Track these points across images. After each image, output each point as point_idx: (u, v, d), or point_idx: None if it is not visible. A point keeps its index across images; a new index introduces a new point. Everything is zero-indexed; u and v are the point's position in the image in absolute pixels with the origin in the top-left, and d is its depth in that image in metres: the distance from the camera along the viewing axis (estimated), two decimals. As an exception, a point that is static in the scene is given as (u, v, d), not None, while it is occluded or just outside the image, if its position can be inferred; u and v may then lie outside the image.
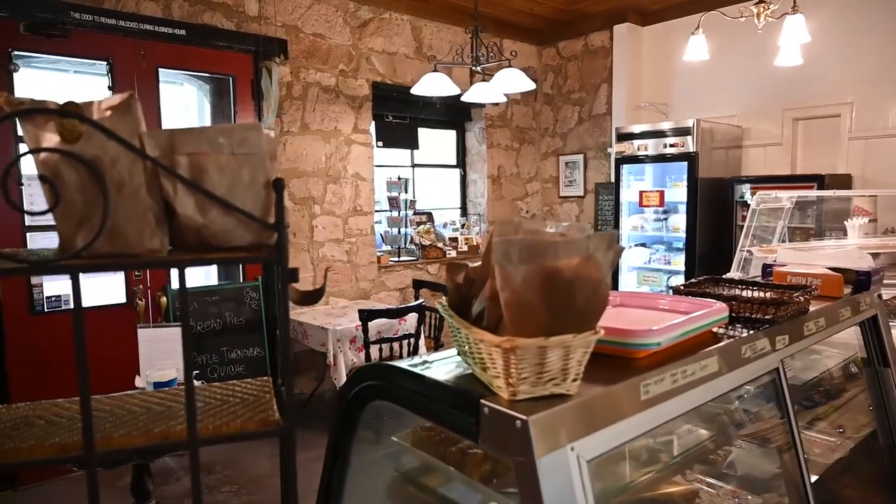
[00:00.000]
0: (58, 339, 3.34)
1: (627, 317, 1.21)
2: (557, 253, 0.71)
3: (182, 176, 0.78)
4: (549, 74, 5.96)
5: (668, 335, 0.99)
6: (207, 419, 0.89)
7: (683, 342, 1.07)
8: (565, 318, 0.75)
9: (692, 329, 1.07)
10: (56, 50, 3.33)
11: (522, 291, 0.72)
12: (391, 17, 4.90)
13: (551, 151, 6.00)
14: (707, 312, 1.12)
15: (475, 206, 5.88)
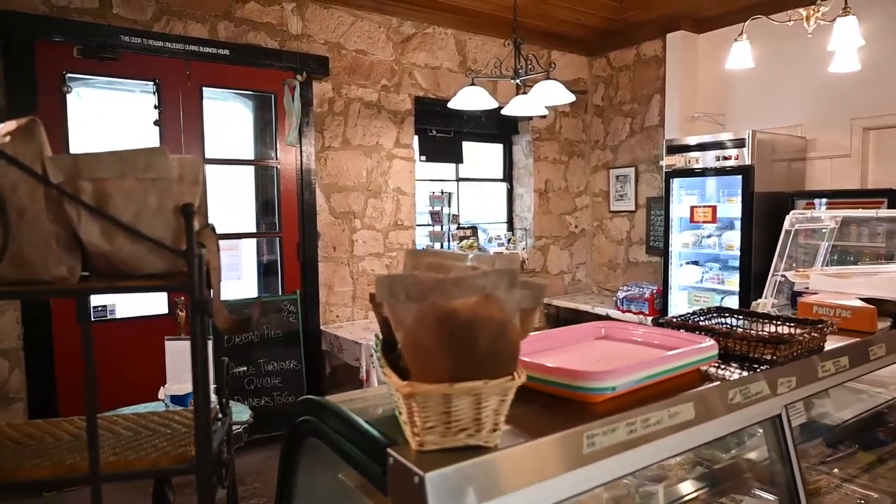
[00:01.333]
0: (103, 347, 3.47)
1: (601, 353, 1.10)
2: (448, 291, 0.63)
3: (84, 202, 0.76)
4: (599, 85, 5.79)
5: (625, 378, 0.88)
6: (126, 451, 0.86)
7: (656, 384, 0.95)
8: (471, 363, 0.67)
9: (663, 370, 0.95)
10: (107, 71, 3.50)
11: (417, 333, 0.64)
12: (435, 31, 4.90)
13: (601, 164, 5.82)
14: (685, 352, 1.00)
15: (521, 220, 5.76)
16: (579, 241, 5.95)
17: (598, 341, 1.18)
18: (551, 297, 5.67)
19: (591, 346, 1.14)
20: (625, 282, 5.48)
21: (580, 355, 1.06)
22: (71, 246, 0.77)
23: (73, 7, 3.46)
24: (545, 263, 5.71)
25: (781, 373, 1.09)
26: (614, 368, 0.87)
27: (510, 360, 0.70)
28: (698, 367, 1.05)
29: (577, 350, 1.11)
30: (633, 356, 1.03)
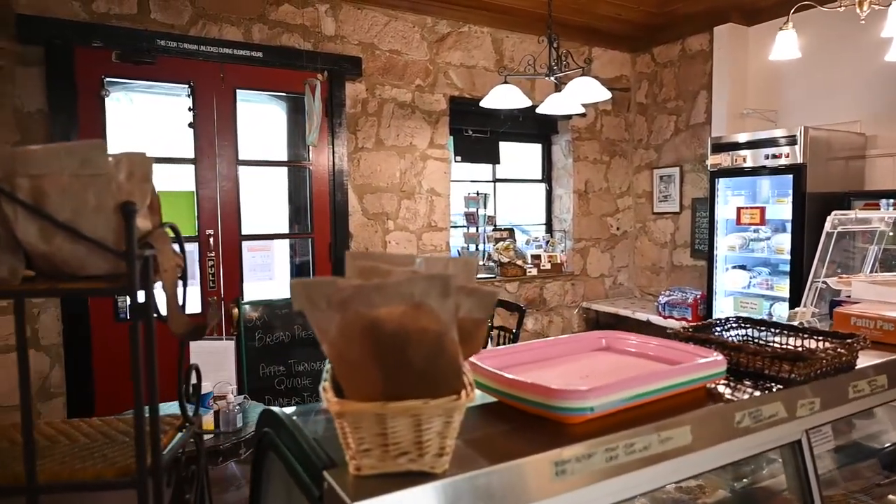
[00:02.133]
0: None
1: (595, 367, 1.00)
2: (370, 299, 0.56)
3: (19, 199, 0.72)
4: (643, 82, 5.59)
5: (606, 397, 0.79)
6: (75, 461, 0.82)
7: (648, 405, 0.85)
8: (407, 380, 0.59)
9: (655, 389, 0.85)
10: (143, 75, 3.58)
11: (342, 345, 0.57)
12: (470, 30, 4.82)
13: (645, 164, 5.61)
14: (683, 368, 0.89)
15: (560, 222, 5.62)
16: (621, 243, 5.76)
17: (596, 353, 1.08)
18: (590, 301, 5.50)
19: (588, 359, 1.04)
20: (669, 286, 5.26)
21: (571, 369, 0.97)
22: (12, 246, 0.75)
23: (112, 13, 3.55)
24: (585, 266, 5.54)
25: (801, 393, 0.97)
26: (594, 387, 0.78)
27: (452, 376, 0.62)
28: (703, 385, 0.94)
29: (570, 363, 1.01)
30: (626, 371, 0.93)
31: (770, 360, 0.95)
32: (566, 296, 5.43)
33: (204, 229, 3.75)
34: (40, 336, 3.46)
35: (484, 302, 0.64)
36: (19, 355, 0.80)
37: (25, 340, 0.79)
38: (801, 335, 1.14)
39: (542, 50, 3.95)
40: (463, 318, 0.63)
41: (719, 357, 0.96)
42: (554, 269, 5.33)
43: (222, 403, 2.52)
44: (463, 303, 0.63)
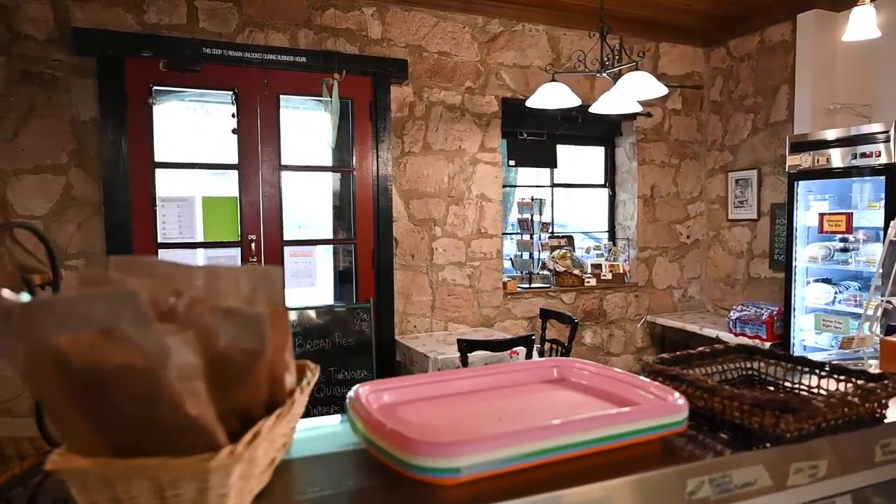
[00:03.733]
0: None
1: (520, 407, 0.80)
2: (43, 323, 0.41)
3: None
4: (717, 79, 5.15)
5: (479, 455, 0.59)
6: None
7: (561, 462, 0.65)
8: (134, 432, 0.44)
9: (566, 444, 0.64)
10: (189, 82, 3.65)
11: (35, 383, 0.43)
12: (524, 28, 4.62)
13: (719, 167, 5.17)
14: (615, 416, 0.68)
15: (624, 229, 5.27)
16: (692, 252, 5.33)
17: (540, 387, 0.88)
18: (656, 315, 5.12)
19: (525, 395, 0.84)
20: (745, 300, 4.80)
21: (493, 408, 0.78)
22: None
23: (163, 24, 3.65)
24: (650, 277, 5.17)
25: (796, 454, 0.73)
26: (462, 439, 0.59)
27: (190, 430, 0.46)
28: (650, 439, 0.72)
29: (500, 399, 0.82)
30: (555, 413, 0.72)
31: (750, 409, 0.72)
32: (629, 308, 5.08)
33: (246, 234, 3.77)
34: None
35: (252, 326, 0.48)
36: None
37: None
38: (818, 373, 0.88)
39: (595, 44, 3.69)
40: (228, 349, 0.48)
41: (680, 401, 0.73)
42: (615, 279, 5.00)
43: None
44: (223, 328, 0.47)
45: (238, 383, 0.48)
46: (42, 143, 3.44)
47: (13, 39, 3.36)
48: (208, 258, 3.73)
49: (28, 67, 3.40)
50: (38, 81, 3.42)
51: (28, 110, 3.41)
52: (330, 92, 3.58)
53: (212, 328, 0.47)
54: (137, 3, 3.58)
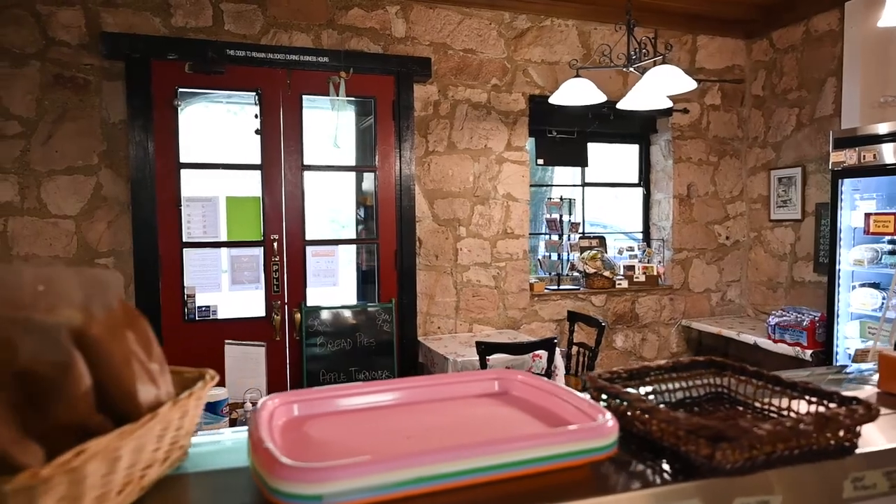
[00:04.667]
0: (204, 343, 3.65)
1: (443, 423, 0.74)
2: None
3: None
4: (759, 72, 4.91)
5: (344, 482, 0.53)
6: None
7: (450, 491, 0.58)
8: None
9: (458, 472, 0.58)
10: (213, 84, 3.70)
11: None
12: (553, 23, 4.51)
13: (761, 165, 4.92)
14: (516, 440, 0.61)
15: (659, 230, 5.09)
16: (731, 254, 5.10)
17: (477, 402, 0.81)
18: (691, 318, 4.92)
19: (453, 411, 0.77)
20: (788, 305, 4.56)
21: (408, 425, 0.71)
22: None
23: (189, 27, 3.71)
24: (686, 279, 4.97)
25: (739, 487, 0.64)
26: (329, 464, 0.53)
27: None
28: (586, 463, 0.64)
29: (424, 414, 0.76)
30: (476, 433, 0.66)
31: (686, 435, 0.64)
32: (663, 311, 4.90)
33: (269, 234, 3.80)
34: (120, 333, 3.67)
35: (51, 338, 0.44)
36: None
37: None
38: (791, 394, 0.78)
39: (621, 37, 3.56)
40: (34, 363, 0.43)
41: (610, 423, 0.65)
42: (649, 281, 4.83)
43: (240, 412, 2.47)
44: (22, 341, 0.43)
45: (52, 399, 0.44)
46: (74, 145, 3.55)
47: (47, 45, 3.48)
48: (232, 257, 3.78)
49: (61, 72, 3.52)
50: (70, 85, 3.53)
51: (61, 113, 3.53)
52: (337, 90, 3.56)
53: (12, 341, 0.43)
54: (165, 7, 3.66)
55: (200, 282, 3.70)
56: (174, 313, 3.66)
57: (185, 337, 3.66)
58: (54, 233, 3.55)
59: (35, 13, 3.46)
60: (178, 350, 3.63)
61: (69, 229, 3.57)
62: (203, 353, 3.57)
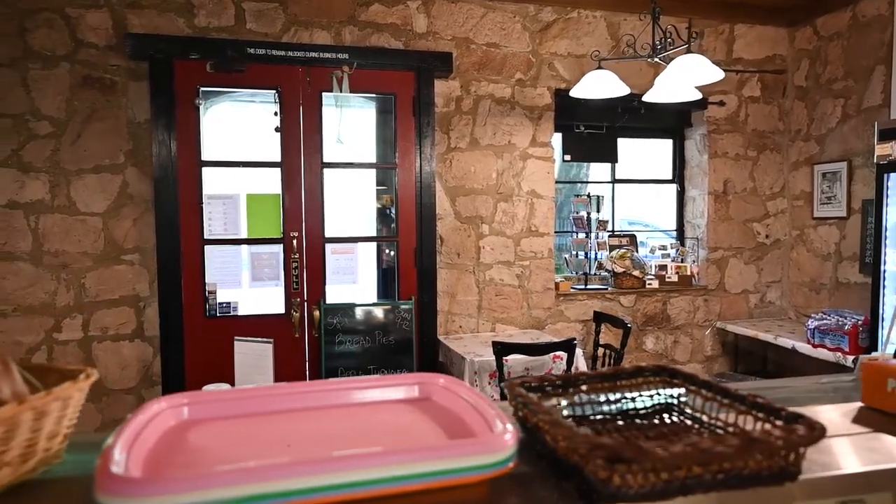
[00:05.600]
0: (225, 339, 3.69)
1: (341, 430, 0.68)
2: None
3: None
4: (802, 62, 4.65)
5: (167, 498, 0.48)
6: None
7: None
8: None
9: (310, 489, 0.51)
10: (234, 83, 3.74)
11: None
12: (580, 15, 4.37)
13: (803, 160, 4.66)
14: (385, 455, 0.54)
15: (694, 228, 4.89)
16: (771, 254, 4.85)
17: (389, 407, 0.75)
18: (727, 320, 4.70)
19: (355, 417, 0.71)
20: (832, 307, 4.30)
21: (296, 432, 0.66)
22: None
23: (212, 27, 3.76)
24: (722, 280, 4.75)
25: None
26: (156, 476, 0.48)
27: None
28: (483, 479, 0.57)
29: (322, 420, 0.70)
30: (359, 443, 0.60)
31: (587, 454, 0.56)
32: (696, 313, 4.70)
33: (289, 231, 3.81)
34: (145, 328, 3.76)
35: None
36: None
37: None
38: (739, 408, 0.69)
39: (646, 26, 3.41)
40: None
41: (507, 437, 0.58)
42: (681, 281, 4.64)
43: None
44: None
45: None
46: (102, 144, 3.64)
47: (76, 47, 3.58)
48: (252, 254, 3.81)
49: (90, 73, 3.61)
50: (98, 86, 3.63)
51: (90, 113, 3.62)
52: (340, 85, 3.54)
53: None
54: (188, 7, 3.71)
55: (221, 278, 3.74)
56: (196, 309, 3.72)
57: (207, 333, 3.71)
58: (83, 230, 3.65)
59: (65, 16, 3.56)
60: (199, 346, 3.68)
61: (97, 226, 3.66)
62: (224, 349, 3.60)
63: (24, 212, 3.55)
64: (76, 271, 3.64)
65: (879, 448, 0.69)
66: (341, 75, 3.51)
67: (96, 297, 3.67)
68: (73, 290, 3.64)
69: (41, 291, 3.59)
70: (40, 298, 3.59)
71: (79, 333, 3.66)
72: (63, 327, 3.64)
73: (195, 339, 3.70)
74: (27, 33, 3.51)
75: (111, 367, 3.72)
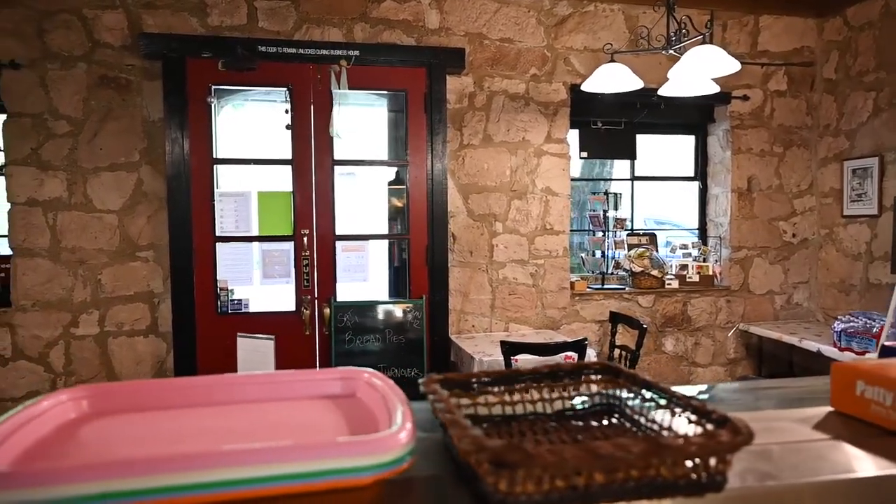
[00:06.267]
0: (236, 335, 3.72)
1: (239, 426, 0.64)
2: None
3: None
4: (832, 53, 4.47)
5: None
6: None
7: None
8: None
9: (166, 487, 0.48)
10: (245, 81, 3.75)
11: None
12: (597, 8, 4.28)
13: (832, 156, 4.48)
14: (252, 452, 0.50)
15: (717, 227, 4.74)
16: (798, 253, 4.67)
17: (303, 404, 0.71)
18: (751, 322, 4.54)
19: (261, 413, 0.68)
20: (863, 308, 4.11)
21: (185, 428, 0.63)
22: None
23: (224, 25, 3.79)
24: (746, 280, 4.60)
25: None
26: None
27: None
28: (374, 481, 0.53)
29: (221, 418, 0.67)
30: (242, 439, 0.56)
31: (476, 457, 0.50)
32: (718, 314, 4.55)
33: (299, 229, 3.81)
34: (159, 324, 3.81)
35: None
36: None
37: None
38: (674, 410, 0.63)
39: (660, 17, 3.31)
40: None
41: (402, 436, 0.54)
42: (703, 281, 4.51)
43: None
44: None
45: None
46: (117, 143, 3.70)
47: (93, 47, 3.65)
48: (263, 251, 3.82)
49: (106, 73, 3.67)
50: (114, 86, 3.69)
51: (106, 112, 3.68)
52: (338, 79, 3.51)
53: None
54: (201, 7, 3.75)
55: (233, 275, 3.76)
56: (208, 306, 3.75)
57: (218, 329, 3.73)
58: (99, 227, 3.71)
59: (82, 17, 3.63)
60: (210, 341, 3.71)
61: (112, 223, 3.72)
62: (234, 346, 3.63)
63: (43, 209, 3.63)
64: (92, 267, 3.70)
65: (832, 458, 0.62)
66: (339, 70, 3.49)
67: (112, 293, 3.73)
68: (89, 286, 3.70)
69: (59, 287, 3.67)
70: (58, 294, 3.67)
71: (95, 329, 3.73)
72: (80, 322, 3.71)
73: (207, 336, 3.73)
74: (45, 34, 3.58)
75: (126, 361, 3.78)
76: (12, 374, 3.64)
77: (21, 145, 3.58)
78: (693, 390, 1.28)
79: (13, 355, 3.64)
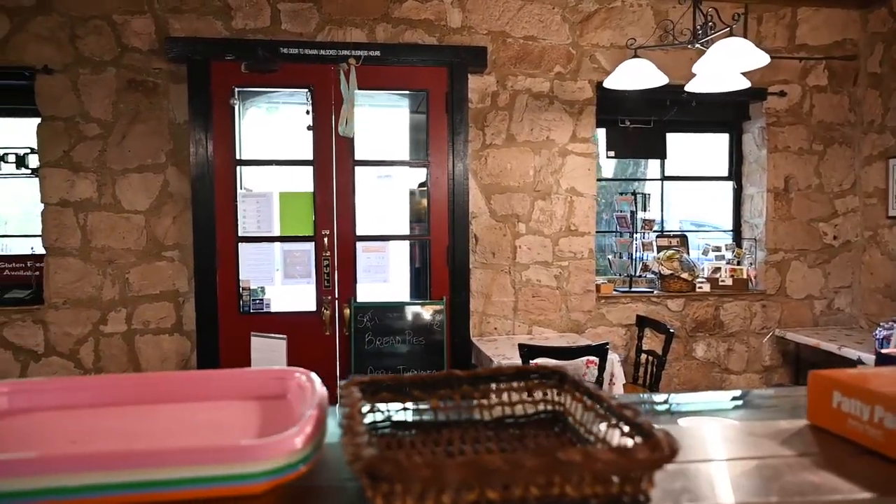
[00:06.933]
0: (257, 337, 3.76)
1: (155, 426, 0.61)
2: None
3: None
4: (876, 46, 4.24)
5: None
6: None
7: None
8: None
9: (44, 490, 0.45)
10: (268, 82, 3.79)
11: None
12: (624, 4, 4.17)
13: (878, 154, 4.25)
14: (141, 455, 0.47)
15: (752, 228, 4.55)
16: (840, 256, 4.45)
17: (235, 405, 0.67)
18: (788, 328, 4.34)
19: (183, 413, 0.65)
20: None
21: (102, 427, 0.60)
22: None
23: (248, 28, 3.83)
24: (783, 284, 4.40)
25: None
26: None
27: None
28: (271, 486, 0.49)
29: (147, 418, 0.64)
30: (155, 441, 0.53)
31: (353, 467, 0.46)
32: (752, 319, 4.37)
33: (320, 229, 3.83)
34: (184, 322, 3.87)
35: None
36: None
37: None
38: (610, 422, 0.57)
39: (686, 10, 3.20)
40: None
41: (297, 441, 0.50)
42: (736, 285, 4.34)
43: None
44: None
45: None
46: (145, 145, 3.78)
47: (122, 52, 3.74)
48: (284, 252, 3.85)
49: (134, 76, 3.76)
50: (141, 89, 3.77)
51: (134, 115, 3.77)
52: (347, 78, 3.49)
53: None
54: (226, 10, 3.80)
55: (255, 275, 3.80)
56: (230, 305, 3.79)
57: (240, 328, 3.77)
58: (127, 227, 3.80)
59: (112, 22, 3.72)
60: (233, 340, 3.75)
61: (140, 224, 3.81)
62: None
63: (74, 210, 3.74)
64: (121, 267, 3.79)
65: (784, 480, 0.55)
66: (348, 68, 3.48)
67: (139, 291, 3.81)
68: (118, 285, 3.80)
69: (89, 286, 3.77)
70: (88, 292, 3.77)
71: (123, 326, 3.82)
72: (108, 320, 3.80)
73: (229, 335, 3.77)
74: (78, 40, 3.69)
75: (152, 359, 3.85)
76: (45, 370, 3.76)
77: (54, 148, 3.70)
78: (694, 394, 1.21)
79: (45, 351, 3.75)
